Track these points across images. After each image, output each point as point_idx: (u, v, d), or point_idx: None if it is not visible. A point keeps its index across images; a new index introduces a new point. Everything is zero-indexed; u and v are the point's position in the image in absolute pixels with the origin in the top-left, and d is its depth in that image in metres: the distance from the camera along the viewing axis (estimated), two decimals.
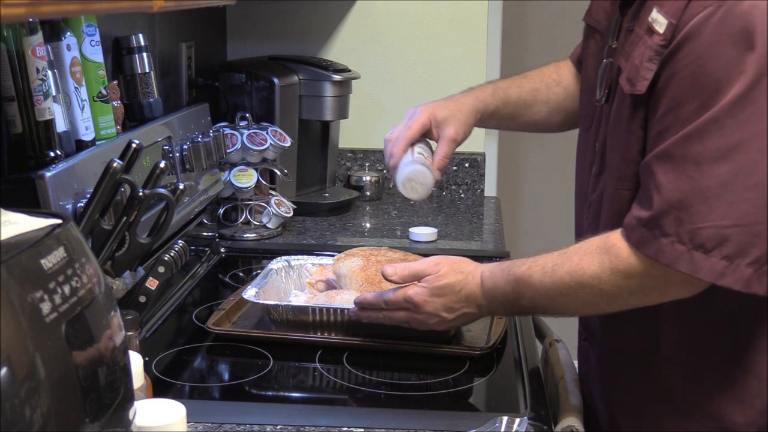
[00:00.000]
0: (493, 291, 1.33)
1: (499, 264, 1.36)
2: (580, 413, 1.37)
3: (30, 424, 0.68)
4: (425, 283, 1.37)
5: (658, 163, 1.17)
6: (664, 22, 1.18)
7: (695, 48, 1.14)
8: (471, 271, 1.37)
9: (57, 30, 1.44)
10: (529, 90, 1.65)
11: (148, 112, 1.73)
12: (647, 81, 1.19)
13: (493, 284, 1.33)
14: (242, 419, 1.22)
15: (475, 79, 2.58)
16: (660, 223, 1.16)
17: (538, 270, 1.28)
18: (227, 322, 1.56)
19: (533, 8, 3.34)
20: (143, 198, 1.35)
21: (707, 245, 1.13)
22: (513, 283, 1.31)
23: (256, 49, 2.57)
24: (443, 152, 1.54)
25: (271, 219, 2.12)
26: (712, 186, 1.13)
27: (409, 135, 1.53)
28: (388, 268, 1.39)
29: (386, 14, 2.58)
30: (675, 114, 1.16)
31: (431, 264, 1.38)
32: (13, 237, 0.76)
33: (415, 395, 1.35)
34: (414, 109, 1.57)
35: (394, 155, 1.52)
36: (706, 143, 1.13)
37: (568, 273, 1.24)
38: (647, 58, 1.20)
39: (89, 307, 0.79)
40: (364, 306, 1.43)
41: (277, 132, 2.15)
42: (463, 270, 1.37)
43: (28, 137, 1.33)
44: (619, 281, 1.20)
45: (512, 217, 3.35)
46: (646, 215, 1.18)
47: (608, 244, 1.22)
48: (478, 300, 1.35)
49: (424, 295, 1.36)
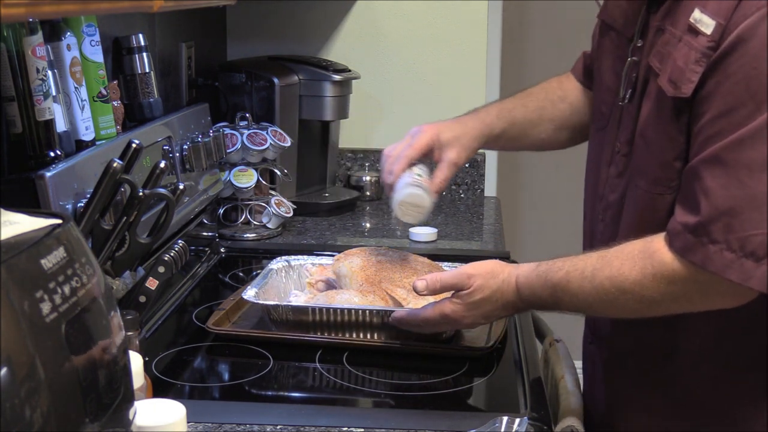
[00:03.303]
0: (531, 298, 1.31)
1: (535, 268, 1.31)
2: (580, 413, 1.37)
3: (30, 424, 0.68)
4: (459, 299, 1.34)
5: (707, 168, 1.13)
6: (711, 23, 1.15)
7: (749, 50, 1.10)
8: (505, 278, 1.33)
9: (57, 30, 1.44)
10: (534, 109, 1.63)
11: (148, 112, 1.73)
12: (693, 84, 1.16)
13: (531, 291, 1.30)
14: (242, 419, 1.22)
15: (475, 78, 2.59)
16: (708, 229, 1.12)
17: (577, 275, 1.24)
18: (227, 322, 1.56)
19: (533, 8, 3.34)
20: (143, 198, 1.35)
21: (759, 253, 1.09)
22: (551, 290, 1.27)
23: (256, 49, 2.57)
24: (443, 175, 1.52)
25: (271, 219, 2.12)
26: (765, 192, 1.09)
27: (411, 154, 1.50)
28: (419, 283, 1.37)
29: (386, 14, 2.58)
30: (727, 118, 1.12)
31: (463, 277, 1.34)
32: (13, 237, 0.76)
33: (415, 395, 1.35)
34: (418, 128, 1.54)
35: (393, 173, 1.49)
36: (760, 148, 1.09)
37: (608, 278, 1.20)
38: (693, 60, 1.16)
39: (89, 307, 0.79)
40: (402, 324, 1.43)
41: (277, 132, 2.15)
42: (496, 278, 1.33)
43: (28, 137, 1.33)
44: (662, 288, 1.17)
45: (512, 217, 3.35)
46: (693, 221, 1.14)
47: (651, 249, 1.18)
48: (516, 305, 1.34)
49: (461, 311, 1.35)
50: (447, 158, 1.52)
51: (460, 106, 2.60)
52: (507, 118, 1.60)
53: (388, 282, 1.52)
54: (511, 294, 1.32)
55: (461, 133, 1.55)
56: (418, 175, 1.49)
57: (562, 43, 3.22)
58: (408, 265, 1.57)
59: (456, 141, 1.54)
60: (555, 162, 3.43)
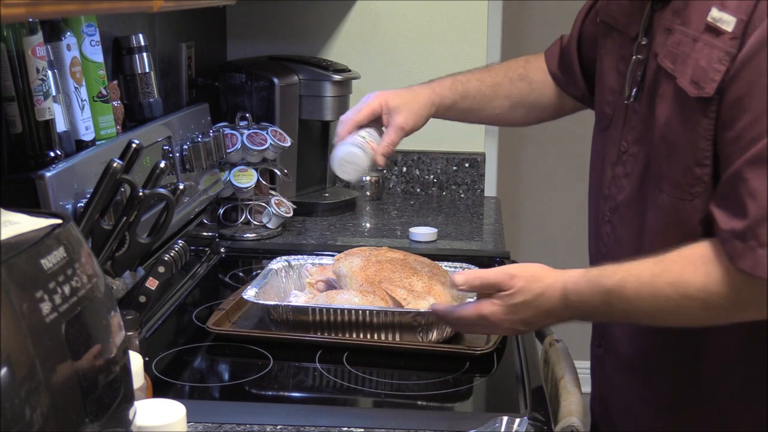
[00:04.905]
0: (579, 305, 1.23)
1: (585, 274, 1.25)
2: (580, 413, 1.37)
3: (30, 424, 0.68)
4: (499, 300, 1.28)
5: (752, 169, 1.09)
6: (731, 20, 1.13)
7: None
8: (550, 283, 1.26)
9: (57, 30, 1.44)
10: (489, 84, 1.65)
11: (148, 112, 1.73)
12: (716, 83, 1.14)
13: (579, 297, 1.23)
14: (242, 419, 1.22)
15: None
16: (756, 232, 1.08)
17: (633, 280, 1.18)
18: (227, 322, 1.56)
19: (533, 8, 3.34)
20: (143, 198, 1.35)
21: None
22: (603, 295, 1.21)
23: (256, 49, 2.57)
24: (389, 139, 1.55)
25: (271, 219, 2.12)
26: None
27: (356, 119, 1.55)
28: (458, 277, 1.33)
29: (386, 14, 2.58)
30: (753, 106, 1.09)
31: (506, 277, 1.28)
32: (13, 237, 0.76)
33: (415, 395, 1.35)
34: (369, 95, 1.58)
35: (338, 135, 1.55)
36: None
37: (669, 284, 1.15)
38: (716, 59, 1.14)
39: (89, 307, 0.79)
40: (438, 316, 1.41)
41: (277, 132, 2.15)
42: (540, 282, 1.27)
43: (28, 137, 1.33)
44: (728, 293, 1.12)
45: (512, 217, 3.35)
46: (740, 226, 1.10)
47: (714, 254, 1.14)
48: (560, 313, 1.26)
49: (500, 314, 1.28)
50: (394, 123, 1.56)
51: None
52: (459, 91, 1.63)
53: (388, 282, 1.52)
54: (557, 300, 1.25)
55: (410, 100, 1.58)
56: (362, 137, 1.54)
57: None
58: (408, 265, 1.57)
59: (404, 106, 1.57)
60: (555, 162, 3.43)
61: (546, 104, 1.67)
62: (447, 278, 1.59)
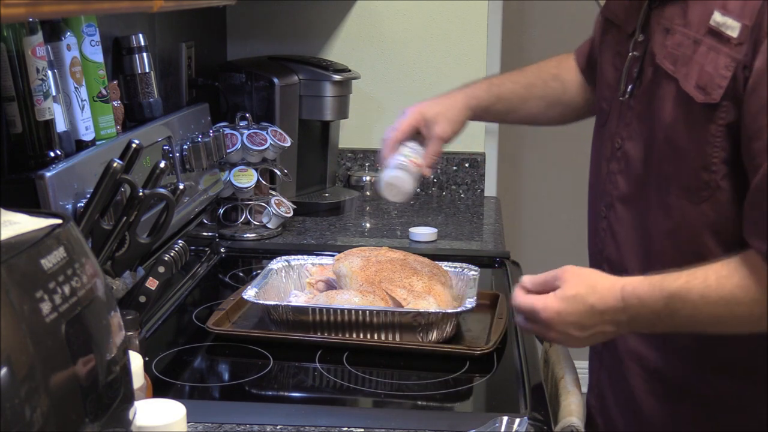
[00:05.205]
0: (639, 308, 1.18)
1: (645, 278, 1.20)
2: (580, 413, 1.37)
3: (30, 424, 0.68)
4: (553, 293, 1.23)
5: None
6: (736, 25, 1.13)
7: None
8: (608, 286, 1.21)
9: (57, 30, 1.44)
10: (524, 85, 1.66)
11: (148, 112, 1.73)
12: (722, 89, 1.14)
13: (639, 300, 1.18)
14: (242, 419, 1.22)
15: (475, 78, 2.59)
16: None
17: (698, 284, 1.13)
18: (227, 322, 1.56)
19: (533, 8, 3.34)
20: (143, 198, 1.35)
21: None
22: (666, 299, 1.16)
23: (256, 49, 2.57)
24: (431, 151, 1.57)
25: (271, 219, 2.12)
26: None
27: (396, 137, 1.58)
28: (525, 278, 1.28)
29: (386, 14, 2.58)
30: None
31: (560, 271, 1.24)
32: (13, 237, 0.76)
33: (415, 395, 1.35)
34: (405, 110, 1.60)
35: (382, 157, 1.58)
36: None
37: (739, 287, 1.11)
38: (723, 66, 1.14)
39: (89, 307, 0.79)
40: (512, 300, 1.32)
41: (277, 132, 2.15)
42: (595, 278, 1.23)
43: (28, 137, 1.33)
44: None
45: (512, 217, 3.35)
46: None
47: None
48: (618, 316, 1.20)
49: (552, 309, 1.22)
50: (434, 134, 1.58)
51: None
52: (494, 93, 1.65)
53: (388, 282, 1.52)
54: (614, 300, 1.19)
55: (446, 108, 1.60)
56: (406, 155, 1.56)
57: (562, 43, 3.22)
58: (408, 265, 1.57)
59: (441, 116, 1.58)
60: (555, 162, 3.43)
61: (581, 102, 1.67)
62: (447, 278, 1.60)
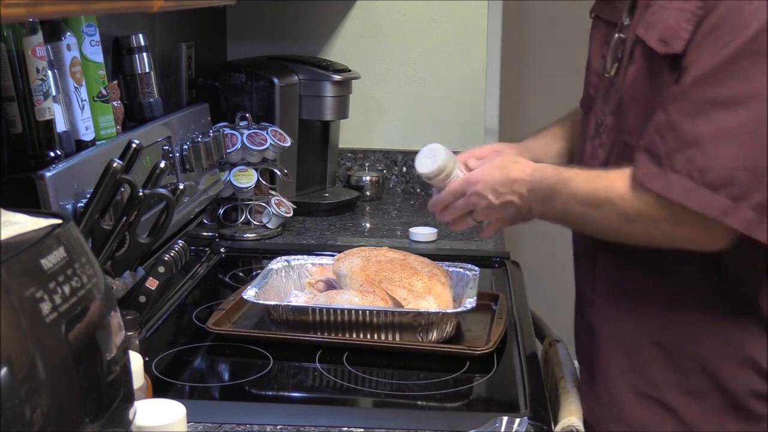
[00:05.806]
0: (539, 182, 1.37)
1: (552, 165, 1.43)
2: (580, 413, 1.37)
3: (30, 424, 0.68)
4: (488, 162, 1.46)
5: (674, 103, 1.20)
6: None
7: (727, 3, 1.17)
8: (524, 162, 1.44)
9: (57, 30, 1.44)
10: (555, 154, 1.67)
11: (148, 112, 1.73)
12: (684, 40, 1.21)
13: (541, 176, 1.38)
14: (242, 419, 1.22)
15: (475, 78, 2.59)
16: (672, 159, 1.19)
17: (584, 176, 1.32)
18: (227, 322, 1.56)
19: (533, 8, 3.34)
20: (143, 198, 1.35)
21: (715, 183, 1.16)
22: (555, 181, 1.35)
23: (256, 49, 2.57)
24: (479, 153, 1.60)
25: (271, 219, 2.12)
26: (728, 127, 1.16)
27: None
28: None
29: (386, 14, 2.58)
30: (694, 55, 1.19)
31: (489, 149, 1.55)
32: (13, 237, 0.76)
33: (415, 395, 1.35)
34: None
35: None
36: (728, 84, 1.16)
37: (603, 187, 1.28)
38: (684, 20, 1.22)
39: (89, 307, 0.79)
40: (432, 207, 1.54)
41: (277, 132, 2.15)
42: (522, 160, 1.45)
43: (28, 137, 1.33)
44: (640, 206, 1.24)
45: None
46: (657, 151, 1.21)
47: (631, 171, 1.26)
48: (522, 188, 1.39)
49: (480, 170, 1.45)
50: None
51: (460, 107, 2.61)
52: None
53: (388, 282, 1.52)
54: (523, 173, 1.40)
55: None
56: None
57: (562, 43, 3.22)
58: (408, 265, 1.57)
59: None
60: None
61: None
62: (447, 278, 1.60)
